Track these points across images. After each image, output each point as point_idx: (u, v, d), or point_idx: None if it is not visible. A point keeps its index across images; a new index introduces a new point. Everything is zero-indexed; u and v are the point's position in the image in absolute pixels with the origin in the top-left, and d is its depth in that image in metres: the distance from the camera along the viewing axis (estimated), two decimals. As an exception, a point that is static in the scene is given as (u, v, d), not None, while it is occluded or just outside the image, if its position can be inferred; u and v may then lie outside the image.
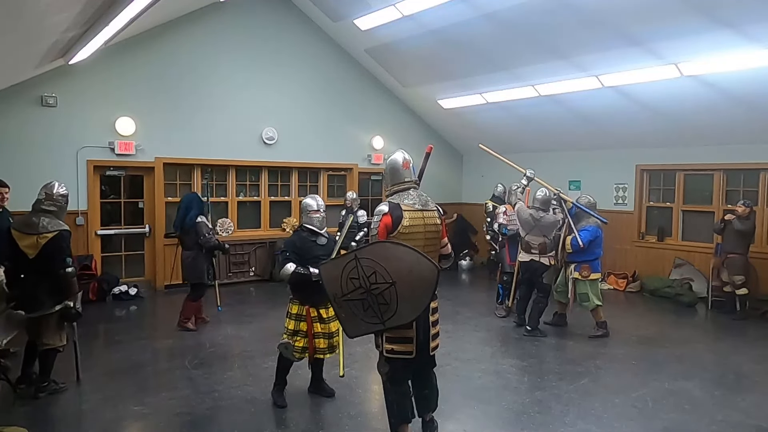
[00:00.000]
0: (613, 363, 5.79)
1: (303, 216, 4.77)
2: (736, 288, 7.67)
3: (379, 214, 3.62)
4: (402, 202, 3.68)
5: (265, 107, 9.96)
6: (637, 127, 8.95)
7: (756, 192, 8.35)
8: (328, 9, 9.74)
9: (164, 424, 4.30)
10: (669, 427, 4.28)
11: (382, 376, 3.67)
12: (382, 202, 3.73)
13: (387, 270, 3.30)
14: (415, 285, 3.28)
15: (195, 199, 6.91)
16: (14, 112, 7.92)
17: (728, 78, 7.06)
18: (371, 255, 3.35)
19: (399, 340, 3.52)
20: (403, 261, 3.30)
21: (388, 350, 3.54)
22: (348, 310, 3.48)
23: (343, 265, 3.42)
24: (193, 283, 6.80)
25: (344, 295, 3.45)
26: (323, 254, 4.55)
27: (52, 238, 4.57)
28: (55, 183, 4.81)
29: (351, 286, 3.40)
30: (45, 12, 5.37)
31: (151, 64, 8.85)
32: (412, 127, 12.02)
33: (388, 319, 3.37)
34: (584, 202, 6.77)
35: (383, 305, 3.34)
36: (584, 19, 7.17)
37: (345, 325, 3.58)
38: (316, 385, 4.89)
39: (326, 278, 3.54)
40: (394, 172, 3.85)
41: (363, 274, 3.35)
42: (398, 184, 3.81)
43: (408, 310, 3.32)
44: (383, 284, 3.31)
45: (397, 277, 3.28)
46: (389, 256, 3.31)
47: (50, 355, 4.71)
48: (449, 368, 5.48)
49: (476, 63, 9.21)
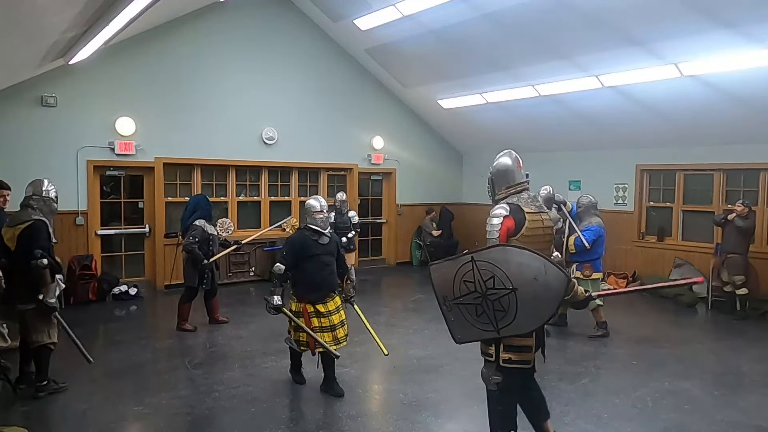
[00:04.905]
0: (613, 363, 5.79)
1: (306, 216, 4.95)
2: (736, 288, 7.66)
3: (498, 217, 3.37)
4: (521, 203, 3.44)
5: (265, 107, 9.97)
6: (637, 127, 8.95)
7: (756, 192, 8.35)
8: (328, 9, 9.75)
9: (164, 424, 4.29)
10: (669, 427, 4.28)
11: (489, 385, 3.40)
12: (497, 206, 3.47)
13: (507, 275, 3.08)
14: (539, 293, 3.05)
15: (201, 201, 6.89)
16: (14, 112, 7.93)
17: (728, 78, 7.05)
18: (490, 258, 3.14)
19: (518, 349, 3.28)
20: (528, 267, 3.07)
21: (505, 359, 3.30)
22: (458, 314, 3.29)
23: (458, 267, 3.22)
24: (185, 285, 6.82)
25: (456, 298, 3.26)
26: (323, 253, 4.81)
27: (24, 228, 4.52)
28: (45, 180, 4.78)
29: (465, 289, 3.21)
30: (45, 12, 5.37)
31: (151, 64, 8.85)
32: (412, 127, 12.03)
33: (503, 327, 3.16)
34: (585, 202, 6.77)
35: (499, 312, 3.13)
36: (584, 19, 7.17)
37: (453, 329, 3.36)
38: (327, 384, 4.91)
39: (437, 279, 3.34)
40: (509, 174, 3.55)
41: (479, 278, 3.15)
42: (513, 186, 3.52)
43: (528, 319, 3.11)
44: (502, 290, 3.10)
45: (519, 284, 3.07)
46: (511, 261, 3.10)
47: (43, 354, 4.67)
48: (449, 368, 5.49)
49: (476, 63, 9.21)
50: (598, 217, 6.69)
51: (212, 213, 6.99)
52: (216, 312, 7.10)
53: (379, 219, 12.05)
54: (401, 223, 12.02)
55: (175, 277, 8.34)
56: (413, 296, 9.07)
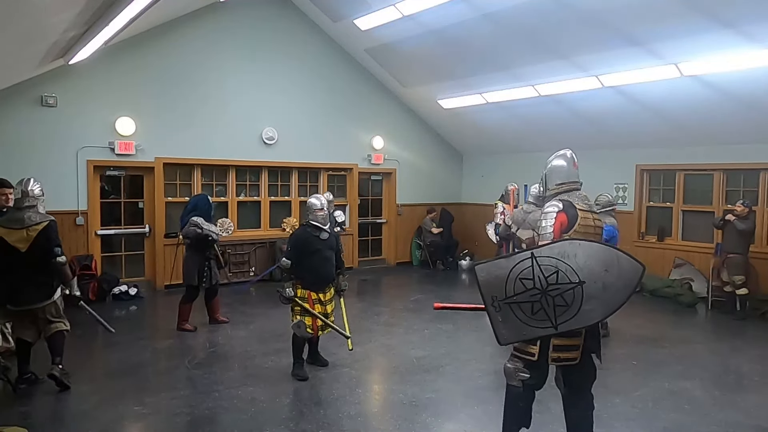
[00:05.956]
0: (613, 363, 5.78)
1: (308, 214, 5.31)
2: (736, 288, 7.67)
3: (552, 212, 3.38)
4: (573, 201, 3.47)
5: (265, 107, 9.96)
6: (637, 127, 8.95)
7: (756, 192, 8.35)
8: (328, 9, 9.74)
9: (164, 424, 4.30)
10: (669, 427, 4.28)
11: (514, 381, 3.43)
12: (549, 203, 3.50)
13: (574, 269, 3.07)
14: (608, 283, 3.05)
15: (201, 200, 6.87)
16: (14, 112, 7.92)
17: (728, 78, 7.05)
18: (554, 254, 3.11)
19: (566, 348, 3.30)
20: (596, 259, 3.07)
21: (554, 358, 3.31)
22: (509, 313, 3.19)
23: (512, 266, 3.17)
24: (185, 284, 6.82)
25: (508, 297, 3.17)
26: (324, 248, 5.24)
27: (42, 229, 4.68)
28: (30, 179, 4.87)
29: (521, 287, 3.14)
30: (45, 12, 5.37)
31: (151, 64, 8.85)
32: (412, 127, 12.03)
33: (563, 323, 3.12)
34: (603, 201, 6.75)
35: (560, 307, 3.10)
36: (584, 19, 7.18)
37: (499, 329, 3.24)
38: (313, 357, 5.50)
39: (485, 279, 3.24)
40: (563, 171, 3.61)
41: (540, 275, 3.11)
42: (567, 183, 3.57)
43: (595, 311, 3.10)
44: (566, 284, 3.08)
45: (587, 277, 3.06)
46: (579, 254, 3.08)
47: (58, 337, 4.84)
48: (449, 368, 5.49)
49: (476, 63, 9.21)
50: (612, 217, 6.67)
51: (212, 213, 6.97)
52: (216, 312, 7.10)
53: (379, 219, 12.04)
54: (401, 223, 12.01)
55: (175, 277, 8.33)
56: (413, 296, 9.07)
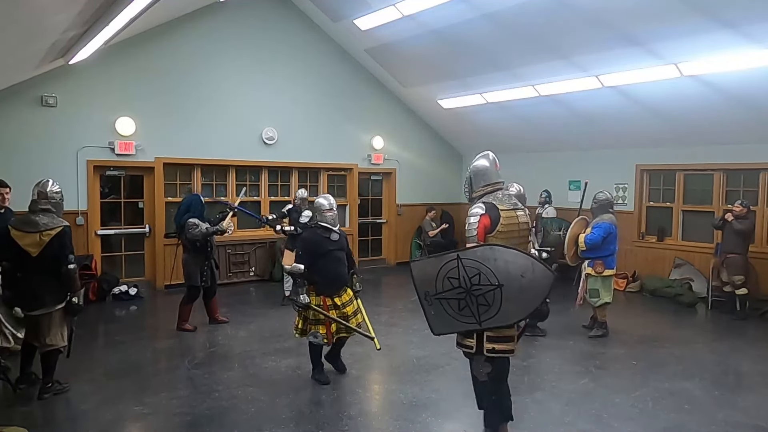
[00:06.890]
0: (613, 363, 5.79)
1: (316, 215, 5.17)
2: (736, 288, 7.66)
3: (476, 216, 3.59)
4: (496, 202, 3.66)
5: (265, 107, 9.97)
6: (637, 127, 8.95)
7: (756, 192, 8.35)
8: (328, 9, 9.74)
9: (164, 424, 4.30)
10: (669, 427, 4.28)
11: (479, 377, 3.66)
12: (475, 205, 3.69)
13: (494, 272, 3.31)
14: (525, 288, 3.30)
15: (195, 201, 6.87)
16: (14, 112, 7.92)
17: (728, 78, 7.05)
18: (476, 257, 3.35)
19: (501, 340, 3.53)
20: (515, 265, 3.30)
21: (489, 349, 3.54)
22: (439, 308, 3.52)
23: (441, 265, 3.44)
24: (186, 285, 6.82)
25: (438, 293, 3.48)
26: (335, 249, 5.06)
27: (55, 235, 4.58)
28: (49, 181, 4.80)
29: (448, 285, 3.43)
30: (45, 12, 5.37)
31: (151, 64, 8.85)
32: (412, 127, 12.03)
33: (486, 320, 3.39)
34: (601, 198, 6.77)
35: (483, 306, 3.37)
36: (584, 19, 7.17)
37: (432, 322, 3.61)
38: (333, 357, 5.30)
39: (419, 276, 3.57)
40: (485, 174, 3.80)
41: (464, 275, 3.37)
42: (491, 184, 3.77)
43: (513, 312, 3.36)
44: (487, 286, 3.33)
45: (505, 280, 3.30)
46: (498, 259, 3.31)
47: (53, 356, 4.70)
48: (449, 368, 5.48)
49: (476, 63, 9.21)
50: (611, 214, 6.69)
51: (205, 213, 6.96)
52: (216, 312, 7.10)
53: (379, 219, 12.04)
54: (401, 223, 12.02)
55: (175, 277, 8.33)
56: (413, 296, 8.95)
